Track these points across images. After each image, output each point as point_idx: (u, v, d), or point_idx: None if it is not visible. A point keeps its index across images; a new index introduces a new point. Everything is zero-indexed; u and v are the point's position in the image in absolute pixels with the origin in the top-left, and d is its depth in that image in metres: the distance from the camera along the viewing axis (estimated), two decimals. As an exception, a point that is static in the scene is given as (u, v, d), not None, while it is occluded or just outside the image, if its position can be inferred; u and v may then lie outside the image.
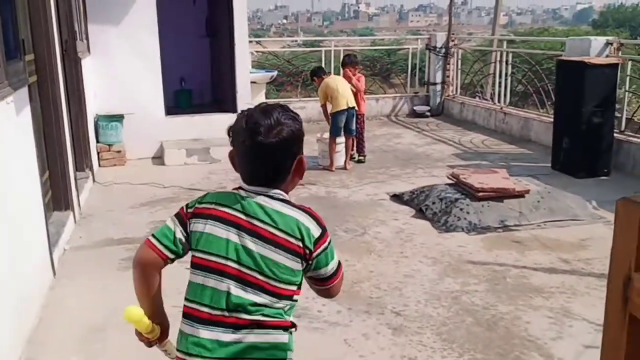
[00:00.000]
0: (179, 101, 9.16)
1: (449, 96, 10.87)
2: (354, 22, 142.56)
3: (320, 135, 7.28)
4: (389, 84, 12.78)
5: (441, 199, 5.29)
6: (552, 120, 7.30)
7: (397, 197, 5.84)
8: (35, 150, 3.95)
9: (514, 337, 3.29)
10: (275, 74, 10.01)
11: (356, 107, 7.01)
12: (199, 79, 9.55)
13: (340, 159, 7.07)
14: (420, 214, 5.32)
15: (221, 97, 8.93)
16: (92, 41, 7.33)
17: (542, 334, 3.31)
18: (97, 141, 7.21)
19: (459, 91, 10.93)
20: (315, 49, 12.63)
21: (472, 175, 5.57)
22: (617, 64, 6.54)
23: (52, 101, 4.68)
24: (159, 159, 7.54)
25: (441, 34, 11.18)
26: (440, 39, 10.93)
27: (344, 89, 6.91)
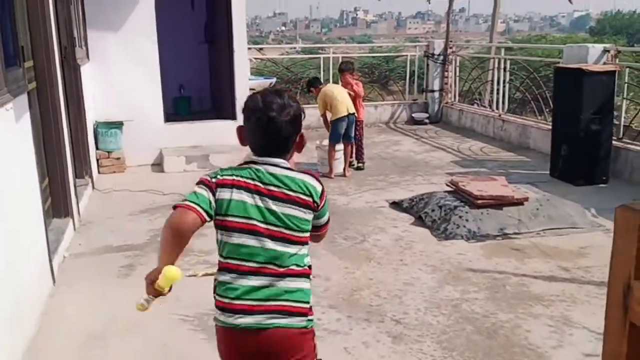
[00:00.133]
0: (178, 108, 9.17)
1: (447, 103, 10.89)
2: (352, 29, 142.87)
3: (319, 142, 7.28)
4: (388, 91, 12.82)
5: (440, 207, 5.29)
6: (550, 127, 7.32)
7: (396, 205, 5.84)
8: (34, 157, 3.95)
9: (514, 345, 3.29)
10: (274, 80, 10.06)
11: (355, 113, 7.03)
12: (198, 86, 9.57)
13: (339, 166, 7.07)
14: (419, 222, 5.32)
15: (220, 104, 8.93)
16: (91, 48, 7.34)
17: (542, 343, 3.31)
18: (97, 148, 7.21)
19: (457, 98, 10.96)
20: (313, 56, 12.63)
21: (471, 182, 5.58)
22: (614, 71, 6.56)
23: (52, 108, 4.68)
24: (158, 166, 7.54)
25: (439, 41, 11.22)
26: (438, 46, 10.97)
27: (343, 96, 6.92)
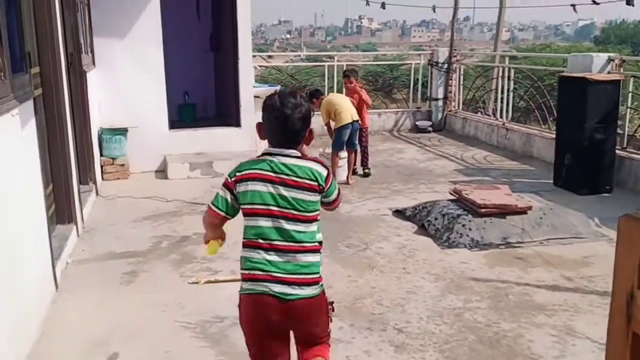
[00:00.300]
0: (183, 115, 9.19)
1: (451, 111, 10.90)
2: (357, 37, 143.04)
3: (322, 149, 7.29)
4: (392, 99, 12.82)
5: (443, 215, 5.28)
6: (554, 136, 7.31)
7: (399, 213, 5.83)
8: (39, 163, 3.96)
9: (517, 355, 3.27)
10: (278, 88, 10.06)
11: (360, 120, 7.04)
12: (203, 93, 9.58)
13: (342, 173, 7.06)
14: (422, 230, 5.31)
15: (225, 111, 8.95)
16: (97, 54, 7.38)
17: (545, 352, 3.29)
18: (101, 154, 7.23)
19: (461, 107, 10.96)
20: (318, 63, 12.64)
21: (474, 191, 5.57)
22: (619, 80, 6.55)
23: (57, 114, 4.70)
24: (162, 172, 7.56)
25: (443, 49, 11.23)
26: (442, 54, 10.99)
27: (346, 104, 6.94)
